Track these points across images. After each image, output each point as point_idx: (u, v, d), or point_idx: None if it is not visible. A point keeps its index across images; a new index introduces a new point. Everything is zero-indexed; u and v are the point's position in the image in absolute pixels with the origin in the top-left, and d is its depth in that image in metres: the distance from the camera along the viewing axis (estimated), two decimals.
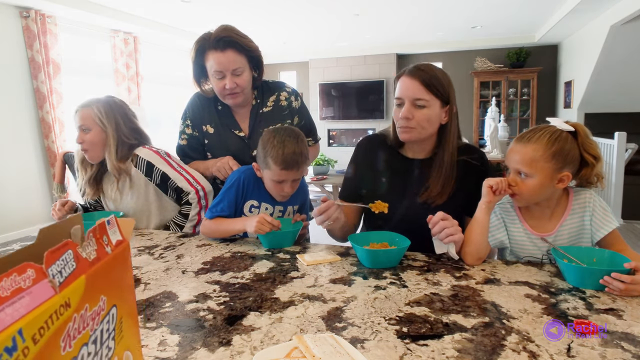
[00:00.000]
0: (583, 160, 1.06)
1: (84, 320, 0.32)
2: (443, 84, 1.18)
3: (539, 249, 1.11)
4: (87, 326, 0.33)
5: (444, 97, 1.18)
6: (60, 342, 0.30)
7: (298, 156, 1.24)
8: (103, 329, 0.35)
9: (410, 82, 1.17)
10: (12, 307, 0.26)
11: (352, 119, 7.46)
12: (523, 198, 1.08)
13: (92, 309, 0.33)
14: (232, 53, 1.37)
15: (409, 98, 1.16)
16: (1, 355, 0.25)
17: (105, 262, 0.36)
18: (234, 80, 1.40)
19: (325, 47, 7.20)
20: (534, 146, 1.04)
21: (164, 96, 5.79)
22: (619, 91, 5.20)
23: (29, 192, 4.06)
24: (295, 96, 1.61)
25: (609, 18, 4.33)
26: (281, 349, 0.66)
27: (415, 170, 1.27)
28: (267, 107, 1.56)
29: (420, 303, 0.84)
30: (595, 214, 1.08)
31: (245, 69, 1.42)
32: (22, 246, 0.33)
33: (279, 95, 1.57)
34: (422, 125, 1.18)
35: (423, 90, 1.16)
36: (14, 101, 3.92)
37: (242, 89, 1.43)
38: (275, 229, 1.20)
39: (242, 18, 5.11)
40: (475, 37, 6.45)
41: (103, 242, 0.36)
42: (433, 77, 1.16)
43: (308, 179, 5.44)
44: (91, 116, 1.40)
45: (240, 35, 1.41)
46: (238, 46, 1.38)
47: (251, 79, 1.47)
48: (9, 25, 3.87)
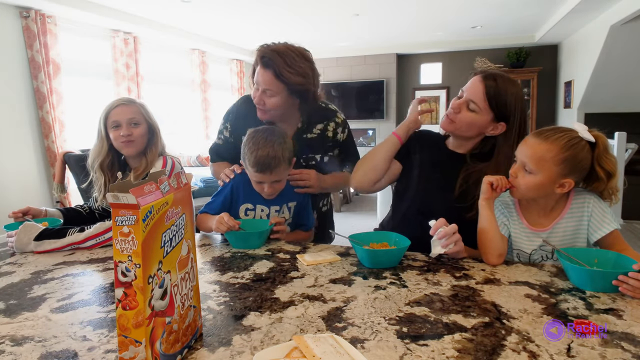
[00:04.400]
0: (595, 173, 1.04)
1: (172, 214, 0.63)
2: (506, 103, 1.20)
3: (531, 244, 1.12)
4: (173, 217, 0.63)
5: (500, 114, 1.21)
6: (164, 218, 0.60)
7: (271, 159, 1.25)
8: (179, 223, 0.65)
9: (476, 84, 1.22)
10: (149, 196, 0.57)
11: (352, 119, 7.45)
12: (519, 191, 1.09)
13: (174, 211, 0.64)
14: (269, 75, 1.35)
15: (467, 97, 1.22)
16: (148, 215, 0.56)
17: (180, 190, 0.67)
18: (263, 98, 1.40)
19: (325, 47, 7.20)
20: (548, 146, 1.03)
21: (164, 96, 5.79)
22: (619, 91, 5.19)
23: (29, 192, 4.06)
24: (343, 128, 1.58)
25: (609, 18, 4.33)
26: (281, 349, 0.66)
27: (450, 161, 1.31)
28: (312, 134, 1.52)
29: (420, 303, 0.84)
30: (593, 216, 1.07)
31: (277, 93, 1.38)
32: None
33: (327, 124, 1.54)
34: (462, 123, 1.24)
35: (481, 97, 1.20)
36: (14, 101, 3.92)
37: (269, 109, 1.41)
38: (233, 229, 1.21)
39: (241, 18, 5.11)
40: (475, 37, 6.45)
41: (180, 181, 0.68)
42: (500, 90, 1.20)
43: None
44: (140, 112, 1.46)
45: (289, 64, 1.35)
46: (277, 72, 1.35)
47: (285, 104, 1.41)
48: (9, 25, 3.87)
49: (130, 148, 1.45)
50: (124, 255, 0.55)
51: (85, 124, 4.63)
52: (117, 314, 0.56)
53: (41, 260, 1.17)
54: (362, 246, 1.09)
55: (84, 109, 4.66)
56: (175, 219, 0.64)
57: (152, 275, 0.57)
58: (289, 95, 1.40)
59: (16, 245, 1.23)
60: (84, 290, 0.94)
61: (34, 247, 1.23)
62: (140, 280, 0.55)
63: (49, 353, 0.68)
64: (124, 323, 0.56)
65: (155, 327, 0.58)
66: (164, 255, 0.60)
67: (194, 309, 0.70)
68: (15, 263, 1.15)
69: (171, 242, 0.63)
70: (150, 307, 0.57)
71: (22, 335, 0.74)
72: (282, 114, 1.46)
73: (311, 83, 1.41)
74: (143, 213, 0.55)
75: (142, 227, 0.55)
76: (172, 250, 0.63)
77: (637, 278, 0.84)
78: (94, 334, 0.74)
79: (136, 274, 0.55)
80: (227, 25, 5.52)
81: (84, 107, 4.68)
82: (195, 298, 0.71)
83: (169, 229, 0.62)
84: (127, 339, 0.56)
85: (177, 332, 0.65)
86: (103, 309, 0.84)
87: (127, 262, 0.55)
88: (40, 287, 0.97)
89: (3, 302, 0.89)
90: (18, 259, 1.18)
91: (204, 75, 6.37)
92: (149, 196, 0.57)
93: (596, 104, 5.49)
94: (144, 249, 0.55)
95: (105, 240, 1.26)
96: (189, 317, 0.69)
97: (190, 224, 0.70)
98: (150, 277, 0.57)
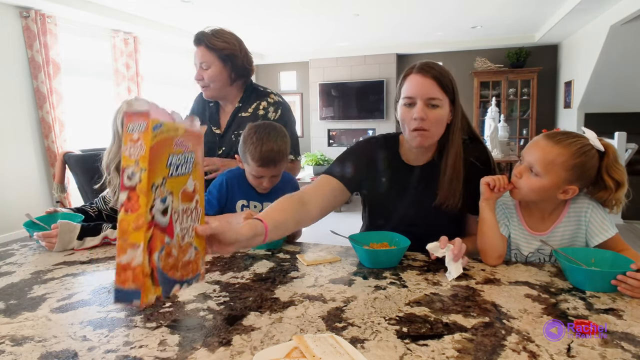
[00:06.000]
0: (602, 182, 1.03)
1: (181, 145, 0.65)
2: (451, 81, 1.12)
3: (529, 246, 1.11)
4: (182, 148, 0.65)
5: (452, 96, 1.12)
6: (174, 141, 0.63)
7: (275, 154, 1.26)
8: (187, 157, 0.67)
9: (423, 80, 1.09)
10: (161, 115, 0.61)
11: (352, 119, 7.46)
12: (520, 193, 1.08)
13: (184, 144, 0.66)
14: (201, 49, 1.56)
15: (423, 97, 1.08)
16: (157, 127, 0.59)
17: (193, 133, 0.68)
18: (201, 73, 1.58)
19: (325, 47, 7.19)
20: (560, 150, 1.01)
21: (163, 96, 5.79)
22: (619, 91, 5.19)
23: (29, 192, 4.06)
24: (275, 108, 1.65)
25: (609, 18, 4.33)
26: (281, 349, 0.66)
27: (417, 177, 1.22)
28: (247, 113, 1.65)
29: (420, 303, 0.84)
30: (591, 222, 1.07)
31: (212, 63, 1.55)
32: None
33: (259, 103, 1.65)
34: (435, 126, 1.11)
35: (437, 88, 1.09)
36: (14, 101, 3.92)
37: (208, 82, 1.58)
38: None
39: (242, 18, 5.11)
40: (475, 37, 6.45)
41: (194, 124, 0.70)
42: (443, 74, 1.10)
43: (308, 178, 5.44)
44: None
45: (215, 35, 1.56)
46: (207, 43, 1.54)
47: (220, 75, 1.58)
48: (9, 25, 3.87)
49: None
50: (131, 160, 0.58)
51: (85, 124, 4.63)
52: (119, 218, 0.58)
53: (41, 260, 1.17)
54: (362, 246, 1.09)
55: (84, 109, 4.66)
56: (184, 151, 0.66)
57: (155, 185, 0.59)
58: (222, 67, 1.57)
59: (58, 246, 1.23)
60: (84, 290, 0.94)
61: (77, 245, 1.25)
62: (144, 184, 0.57)
63: (49, 353, 0.68)
64: (124, 227, 0.58)
65: (154, 237, 0.59)
66: (168, 175, 0.62)
67: (195, 251, 0.71)
68: (15, 263, 1.15)
69: (177, 168, 0.64)
70: (151, 215, 0.59)
71: (22, 335, 0.74)
72: (222, 90, 1.63)
73: (237, 49, 1.59)
74: (153, 123, 0.58)
75: (151, 135, 0.58)
76: (177, 175, 0.65)
77: (636, 277, 0.84)
78: (94, 334, 0.74)
79: (141, 177, 0.57)
80: (227, 25, 5.48)
81: (84, 107, 4.68)
82: (198, 242, 0.72)
83: (177, 154, 0.64)
84: (126, 242, 0.57)
85: (177, 259, 0.66)
86: (103, 309, 0.84)
87: (134, 167, 0.58)
88: (40, 287, 0.97)
89: (3, 302, 0.89)
90: (18, 259, 1.18)
91: None
92: (161, 115, 0.61)
93: (596, 104, 5.49)
94: (150, 155, 0.57)
95: None
96: (189, 255, 0.70)
97: (199, 168, 0.72)
98: (153, 185, 0.59)
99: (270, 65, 8.12)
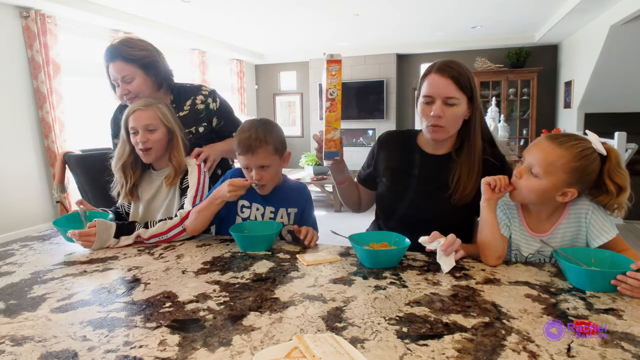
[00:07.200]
0: (604, 186, 1.02)
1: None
2: (470, 80, 1.19)
3: (529, 247, 1.11)
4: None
5: (470, 94, 1.20)
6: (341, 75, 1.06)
7: (253, 140, 1.27)
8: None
9: (441, 79, 1.17)
10: None
11: (352, 119, 7.46)
12: (519, 194, 1.08)
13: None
14: (119, 63, 1.47)
15: (441, 96, 1.17)
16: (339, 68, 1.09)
17: None
18: (126, 87, 1.49)
19: (325, 47, 7.19)
20: (562, 152, 1.01)
21: None
22: (619, 91, 5.20)
23: (29, 192, 4.06)
24: (213, 98, 1.67)
25: (609, 18, 4.33)
26: (281, 349, 0.66)
27: (431, 165, 1.30)
28: (184, 112, 1.62)
29: (420, 303, 0.84)
30: (592, 224, 1.06)
31: (135, 75, 1.49)
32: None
33: (194, 99, 1.64)
34: (450, 123, 1.20)
35: (454, 88, 1.17)
36: (14, 101, 3.92)
37: (136, 94, 1.51)
38: (247, 185, 1.27)
39: (241, 18, 5.11)
40: (475, 37, 6.45)
41: None
42: (462, 73, 1.17)
43: (308, 179, 5.41)
44: (157, 116, 1.41)
45: (128, 45, 1.48)
46: (123, 56, 1.46)
47: (145, 84, 1.52)
48: (9, 25, 3.87)
49: (148, 156, 1.42)
50: (332, 85, 1.07)
51: (85, 124, 4.63)
52: (326, 116, 1.10)
53: (41, 260, 1.17)
54: (362, 246, 1.09)
55: (84, 109, 4.66)
56: None
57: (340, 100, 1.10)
58: (145, 75, 1.51)
59: (97, 244, 1.24)
60: (84, 290, 0.94)
61: (113, 243, 1.27)
62: (339, 96, 1.09)
63: (49, 353, 0.68)
64: (329, 119, 1.10)
65: None
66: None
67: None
68: (15, 263, 1.15)
69: None
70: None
71: (22, 335, 0.74)
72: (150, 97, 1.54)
73: (155, 53, 1.55)
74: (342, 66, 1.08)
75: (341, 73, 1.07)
76: None
77: (636, 277, 0.84)
78: (94, 334, 0.74)
79: (338, 94, 1.08)
80: (227, 25, 5.52)
81: (84, 107, 4.67)
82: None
83: None
84: (331, 127, 1.12)
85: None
86: (103, 308, 0.84)
87: (334, 88, 1.07)
88: (40, 287, 0.97)
89: (3, 302, 0.89)
90: (18, 259, 1.18)
91: (204, 75, 6.37)
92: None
93: (596, 104, 5.49)
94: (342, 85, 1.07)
95: (168, 239, 1.32)
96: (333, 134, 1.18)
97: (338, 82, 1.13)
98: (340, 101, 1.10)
99: (270, 65, 8.13)
